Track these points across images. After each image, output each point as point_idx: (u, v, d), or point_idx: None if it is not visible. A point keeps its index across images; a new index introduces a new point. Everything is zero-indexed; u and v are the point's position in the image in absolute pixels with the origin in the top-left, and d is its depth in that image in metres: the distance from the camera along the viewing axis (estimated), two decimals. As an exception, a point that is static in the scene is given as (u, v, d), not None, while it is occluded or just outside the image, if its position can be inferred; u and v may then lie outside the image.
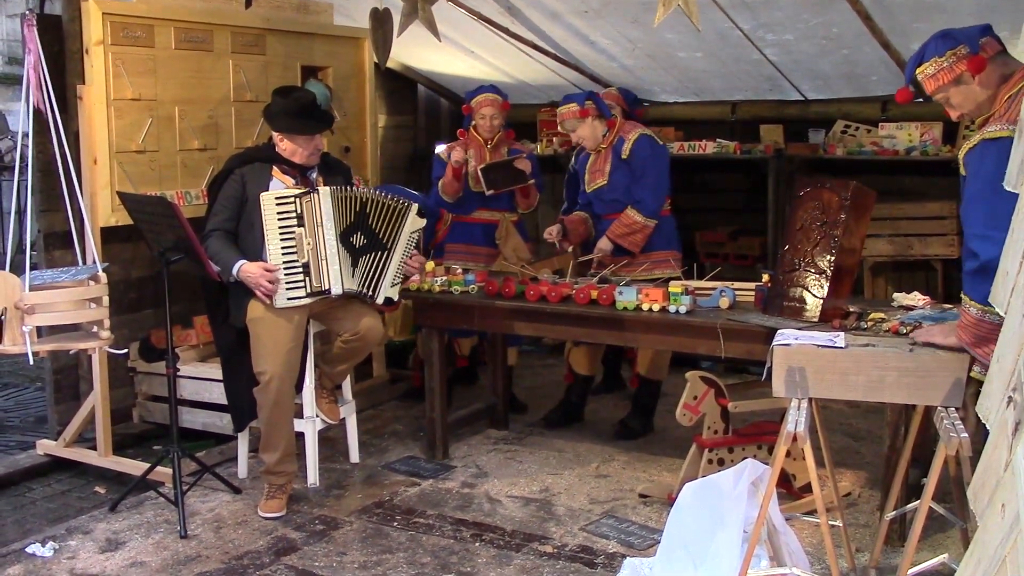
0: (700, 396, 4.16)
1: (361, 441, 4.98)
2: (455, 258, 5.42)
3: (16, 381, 6.63)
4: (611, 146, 5.07)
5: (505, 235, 5.56)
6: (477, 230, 5.55)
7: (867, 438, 5.15)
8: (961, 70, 3.01)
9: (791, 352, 3.21)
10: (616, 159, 5.05)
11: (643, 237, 5.01)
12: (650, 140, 5.07)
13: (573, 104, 5.01)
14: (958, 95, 3.06)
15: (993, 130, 2.89)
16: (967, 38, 3.03)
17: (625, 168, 5.03)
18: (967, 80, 3.01)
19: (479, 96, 5.42)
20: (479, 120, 5.42)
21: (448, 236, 5.60)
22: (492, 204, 5.49)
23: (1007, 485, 1.84)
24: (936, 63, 3.04)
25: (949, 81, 3.04)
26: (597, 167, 5.12)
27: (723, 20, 5.19)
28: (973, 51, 2.99)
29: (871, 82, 5.95)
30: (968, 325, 2.97)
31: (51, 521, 4.33)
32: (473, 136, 5.47)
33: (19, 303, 3.89)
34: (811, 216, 3.89)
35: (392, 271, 4.41)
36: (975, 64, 2.98)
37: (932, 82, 3.07)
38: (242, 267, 4.18)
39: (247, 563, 3.81)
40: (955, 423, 2.91)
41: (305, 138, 4.32)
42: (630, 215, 4.99)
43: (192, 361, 5.18)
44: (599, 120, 5.06)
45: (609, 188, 5.08)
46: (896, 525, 3.80)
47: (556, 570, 3.73)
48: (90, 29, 4.53)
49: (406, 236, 4.41)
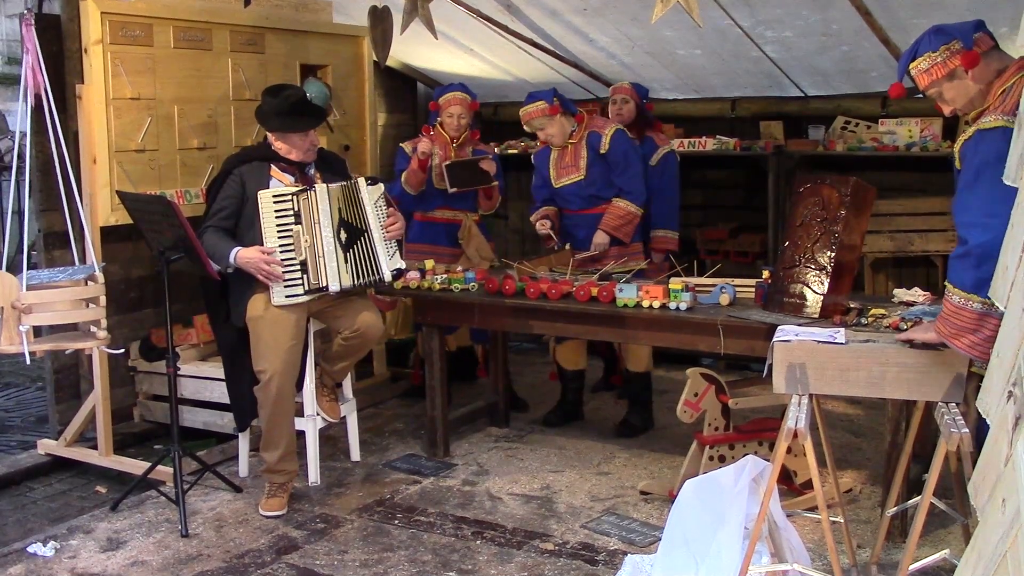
0: (701, 393, 4.16)
1: (362, 439, 4.99)
2: (417, 257, 5.37)
3: (17, 381, 6.63)
4: (582, 141, 5.11)
5: (468, 235, 5.56)
6: (440, 229, 5.56)
7: (868, 434, 5.15)
8: (955, 65, 3.01)
9: (791, 348, 3.21)
10: (592, 154, 5.10)
11: (633, 227, 5.12)
12: (624, 133, 5.13)
13: (541, 102, 5.04)
14: (951, 90, 3.06)
15: (988, 120, 2.90)
16: (960, 33, 3.03)
17: (603, 162, 5.07)
18: (960, 75, 3.02)
19: (448, 94, 5.45)
20: (446, 118, 5.44)
21: (410, 235, 5.55)
22: (454, 203, 5.49)
23: (1007, 480, 1.84)
24: (930, 58, 3.05)
25: (943, 76, 3.04)
26: (566, 163, 5.17)
27: (722, 17, 5.19)
28: (967, 46, 3.00)
29: (871, 78, 5.95)
30: (948, 315, 2.96)
31: (52, 520, 4.33)
32: (439, 133, 5.49)
33: (16, 303, 3.89)
34: (811, 212, 3.89)
35: (380, 245, 4.39)
36: (968, 59, 2.98)
37: (926, 77, 3.08)
38: (239, 253, 4.19)
39: (248, 562, 3.81)
40: (956, 419, 2.91)
41: (299, 136, 4.32)
42: (622, 206, 5.05)
43: (192, 360, 5.17)
44: (566, 117, 5.10)
45: (587, 183, 5.14)
46: (897, 521, 3.80)
47: (557, 567, 3.73)
48: (89, 28, 4.53)
49: (371, 208, 4.39)
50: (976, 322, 2.87)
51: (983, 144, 2.88)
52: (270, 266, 4.16)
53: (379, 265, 4.38)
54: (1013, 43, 4.29)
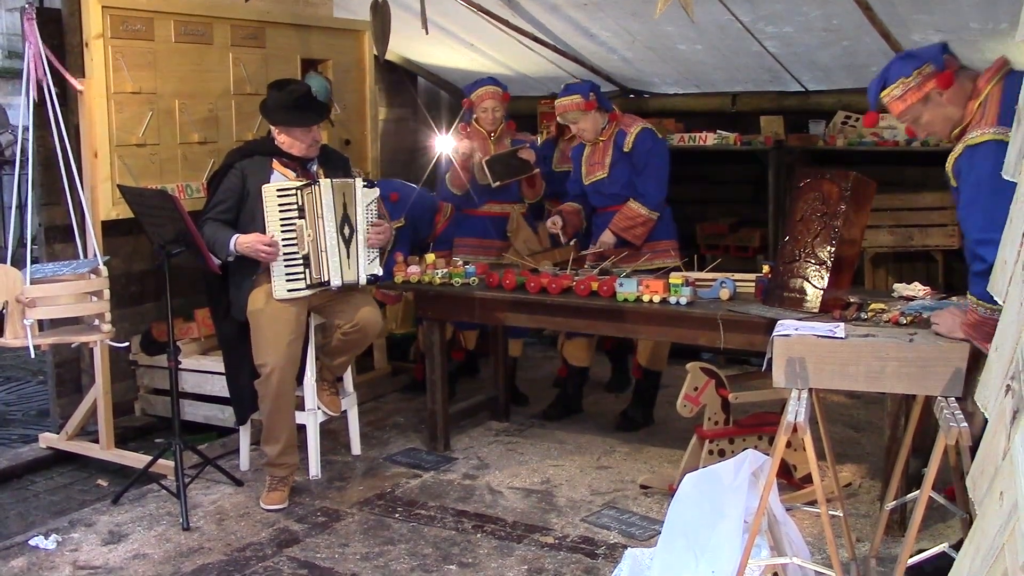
0: (701, 387, 4.16)
1: (362, 433, 5.00)
2: (466, 252, 5.43)
3: (18, 375, 6.65)
4: (611, 139, 5.06)
5: (516, 228, 5.56)
6: (487, 223, 5.55)
7: (867, 428, 5.16)
8: (930, 88, 3.02)
9: (791, 343, 3.21)
10: (617, 152, 5.04)
11: (646, 230, 5.01)
12: (652, 134, 5.07)
13: (577, 96, 4.97)
14: (928, 113, 3.07)
15: (975, 135, 2.91)
16: (930, 56, 3.05)
17: (626, 161, 5.02)
18: (935, 98, 3.03)
19: (480, 89, 5.41)
20: (481, 113, 5.42)
21: (458, 230, 5.61)
22: (500, 196, 5.48)
23: (1005, 473, 1.85)
24: (903, 84, 3.05)
25: (918, 100, 3.05)
26: (595, 159, 5.11)
27: (723, 13, 5.19)
28: (939, 68, 3.01)
29: (871, 73, 5.84)
30: (976, 324, 2.99)
31: (54, 514, 4.34)
32: (476, 129, 5.47)
33: (20, 297, 3.91)
34: (811, 207, 3.89)
35: (363, 248, 4.39)
36: (944, 79, 2.99)
37: (900, 103, 3.08)
38: (238, 239, 4.20)
39: (249, 555, 3.82)
40: (955, 412, 2.91)
41: (302, 130, 4.33)
42: (633, 208, 4.98)
43: (193, 354, 5.19)
44: (600, 113, 5.05)
45: (610, 181, 5.07)
46: (896, 515, 3.81)
47: (557, 561, 3.74)
48: (90, 22, 4.53)
49: (362, 211, 4.39)
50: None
51: (976, 159, 2.90)
52: (272, 248, 4.17)
53: (359, 265, 4.39)
54: (1012, 39, 4.29)
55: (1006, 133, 2.79)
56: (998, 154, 2.73)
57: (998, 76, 3.02)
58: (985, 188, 2.85)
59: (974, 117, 2.97)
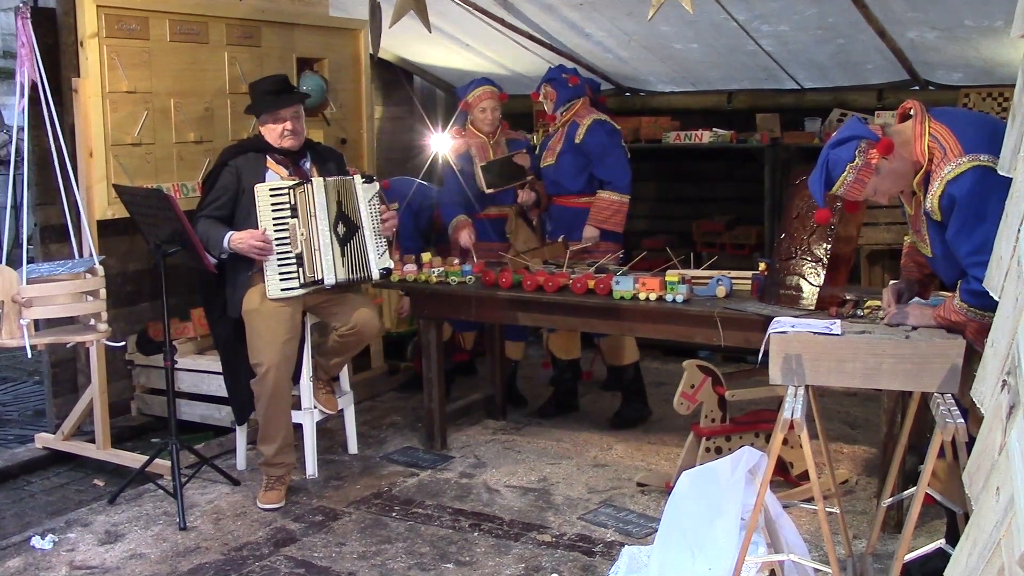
0: (697, 385, 4.17)
1: (359, 432, 4.99)
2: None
3: (14, 375, 6.64)
4: (565, 129, 5.19)
5: (515, 228, 5.57)
6: (487, 225, 5.55)
7: (864, 425, 5.16)
8: (876, 159, 3.04)
9: (787, 340, 3.21)
10: (568, 143, 5.17)
11: (623, 215, 5.14)
12: (603, 124, 5.18)
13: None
14: (884, 182, 3.11)
15: (950, 170, 2.93)
16: (860, 132, 3.07)
17: (575, 153, 5.15)
18: (884, 165, 3.05)
19: (477, 90, 5.36)
20: (479, 114, 5.38)
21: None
22: (499, 199, 5.47)
23: (1002, 468, 1.85)
24: (852, 169, 3.07)
25: (871, 175, 3.07)
26: (550, 147, 5.28)
27: (718, 11, 5.19)
28: (873, 138, 3.03)
29: (867, 70, 5.95)
30: (961, 323, 3.05)
31: (50, 514, 4.34)
32: (472, 132, 5.45)
33: (16, 296, 3.90)
34: (808, 204, 3.90)
35: (371, 244, 4.41)
36: (884, 147, 3.03)
37: (858, 186, 3.10)
38: (232, 236, 4.21)
39: (246, 554, 3.82)
40: (951, 409, 2.91)
41: (279, 114, 4.33)
42: (605, 197, 5.13)
43: (190, 354, 5.18)
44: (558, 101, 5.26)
45: (554, 169, 5.22)
46: (893, 512, 3.81)
47: (554, 559, 3.74)
48: (84, 22, 4.52)
49: (365, 206, 4.41)
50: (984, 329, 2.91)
51: (961, 188, 2.91)
52: (266, 244, 4.17)
53: (368, 263, 4.40)
54: (1007, 35, 4.30)
55: (979, 158, 2.85)
56: (984, 178, 2.81)
57: (924, 115, 3.05)
58: (978, 210, 2.89)
59: (934, 156, 3.00)
